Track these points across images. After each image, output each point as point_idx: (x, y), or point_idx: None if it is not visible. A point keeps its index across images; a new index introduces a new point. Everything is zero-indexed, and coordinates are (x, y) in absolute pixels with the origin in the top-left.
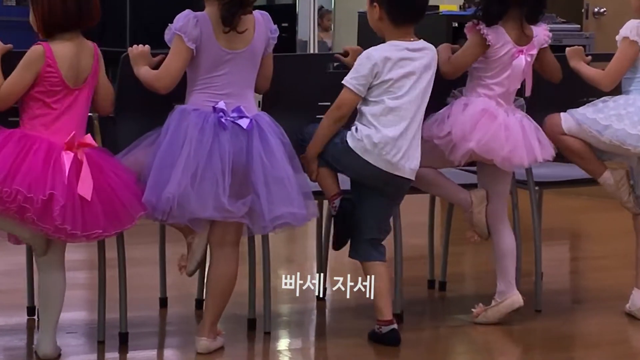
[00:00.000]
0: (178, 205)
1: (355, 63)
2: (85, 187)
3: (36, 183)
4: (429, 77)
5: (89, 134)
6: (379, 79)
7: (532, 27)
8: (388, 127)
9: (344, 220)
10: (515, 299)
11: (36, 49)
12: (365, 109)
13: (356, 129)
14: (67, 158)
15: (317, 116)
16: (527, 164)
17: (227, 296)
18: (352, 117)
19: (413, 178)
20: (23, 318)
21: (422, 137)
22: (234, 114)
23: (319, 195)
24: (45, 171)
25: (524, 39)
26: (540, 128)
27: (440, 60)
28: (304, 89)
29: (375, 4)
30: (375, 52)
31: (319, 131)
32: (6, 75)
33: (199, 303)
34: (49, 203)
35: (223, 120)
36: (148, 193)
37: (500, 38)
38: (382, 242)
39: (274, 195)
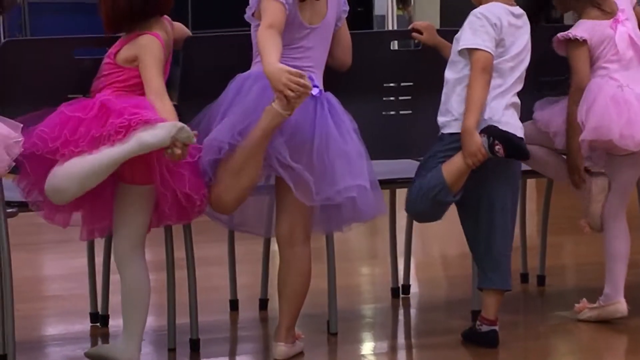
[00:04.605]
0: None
1: (468, 25)
2: None
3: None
4: (528, 51)
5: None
6: (499, 39)
7: None
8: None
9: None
10: (619, 307)
11: (156, 43)
12: (459, 78)
13: (448, 113)
14: None
15: (384, 99)
16: None
17: (302, 298)
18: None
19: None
20: (86, 326)
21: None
22: None
23: (393, 184)
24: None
25: (607, 14)
26: None
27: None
28: (367, 69)
29: None
30: (489, 12)
31: (473, 98)
32: None
33: (263, 303)
34: None
35: None
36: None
37: (589, 29)
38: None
39: (341, 168)
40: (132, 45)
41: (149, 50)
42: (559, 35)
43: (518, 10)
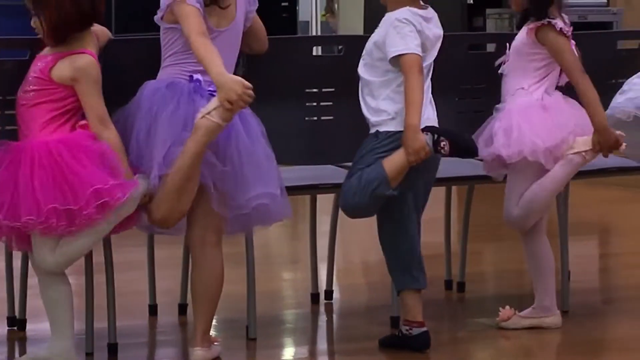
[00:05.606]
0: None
1: (395, 30)
2: None
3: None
4: (438, 46)
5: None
6: (421, 44)
7: None
8: None
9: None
10: (557, 319)
11: (94, 65)
12: (385, 81)
13: (382, 112)
14: None
15: (306, 104)
16: None
17: (215, 300)
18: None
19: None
20: (3, 329)
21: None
22: (212, 88)
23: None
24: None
25: (567, 26)
26: None
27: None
28: (290, 75)
29: None
30: (412, 18)
31: (415, 98)
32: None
33: (182, 308)
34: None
35: (200, 87)
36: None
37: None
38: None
39: (252, 174)
40: (70, 64)
41: (88, 75)
42: (556, 26)
43: (429, 13)
